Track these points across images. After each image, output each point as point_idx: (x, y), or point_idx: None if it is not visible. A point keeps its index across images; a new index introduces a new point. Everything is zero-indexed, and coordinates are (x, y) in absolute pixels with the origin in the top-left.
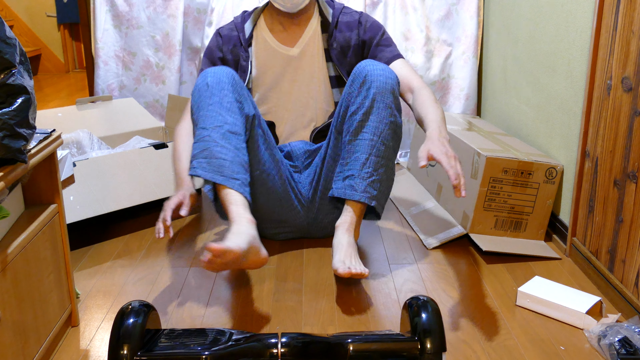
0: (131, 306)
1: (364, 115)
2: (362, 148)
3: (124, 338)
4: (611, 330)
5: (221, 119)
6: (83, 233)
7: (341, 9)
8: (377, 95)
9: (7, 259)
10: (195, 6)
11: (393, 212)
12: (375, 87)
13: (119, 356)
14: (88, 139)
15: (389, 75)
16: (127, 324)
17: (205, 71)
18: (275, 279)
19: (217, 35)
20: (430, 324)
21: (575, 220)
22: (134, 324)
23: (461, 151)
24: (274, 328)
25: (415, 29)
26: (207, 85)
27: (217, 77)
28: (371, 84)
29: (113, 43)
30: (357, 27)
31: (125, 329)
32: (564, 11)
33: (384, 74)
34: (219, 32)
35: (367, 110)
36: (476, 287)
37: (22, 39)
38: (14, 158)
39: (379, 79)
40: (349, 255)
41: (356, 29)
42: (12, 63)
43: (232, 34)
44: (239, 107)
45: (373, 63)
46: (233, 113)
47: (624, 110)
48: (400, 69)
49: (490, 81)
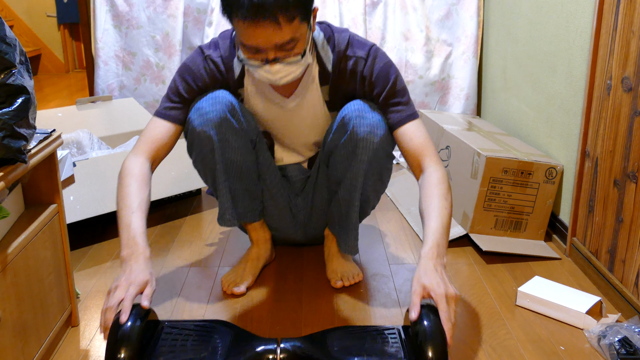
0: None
1: (352, 181)
2: (352, 213)
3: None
4: (611, 330)
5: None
6: (83, 233)
7: (344, 50)
8: (366, 168)
9: (7, 259)
10: (195, 6)
11: (393, 212)
12: (363, 157)
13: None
14: (88, 139)
15: (377, 135)
16: (123, 330)
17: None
18: (275, 278)
19: (205, 62)
20: None
21: (575, 220)
22: (132, 329)
23: (461, 151)
24: (274, 328)
25: (415, 29)
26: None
27: (221, 133)
28: (358, 149)
29: (113, 43)
30: (361, 80)
31: (122, 335)
32: (564, 11)
33: (372, 135)
34: (206, 63)
35: (353, 182)
36: (476, 287)
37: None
38: (14, 158)
39: (368, 143)
40: (340, 264)
41: (361, 82)
42: (12, 63)
43: (219, 70)
44: (245, 146)
45: (359, 116)
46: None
47: (624, 110)
48: (410, 138)
49: (490, 81)
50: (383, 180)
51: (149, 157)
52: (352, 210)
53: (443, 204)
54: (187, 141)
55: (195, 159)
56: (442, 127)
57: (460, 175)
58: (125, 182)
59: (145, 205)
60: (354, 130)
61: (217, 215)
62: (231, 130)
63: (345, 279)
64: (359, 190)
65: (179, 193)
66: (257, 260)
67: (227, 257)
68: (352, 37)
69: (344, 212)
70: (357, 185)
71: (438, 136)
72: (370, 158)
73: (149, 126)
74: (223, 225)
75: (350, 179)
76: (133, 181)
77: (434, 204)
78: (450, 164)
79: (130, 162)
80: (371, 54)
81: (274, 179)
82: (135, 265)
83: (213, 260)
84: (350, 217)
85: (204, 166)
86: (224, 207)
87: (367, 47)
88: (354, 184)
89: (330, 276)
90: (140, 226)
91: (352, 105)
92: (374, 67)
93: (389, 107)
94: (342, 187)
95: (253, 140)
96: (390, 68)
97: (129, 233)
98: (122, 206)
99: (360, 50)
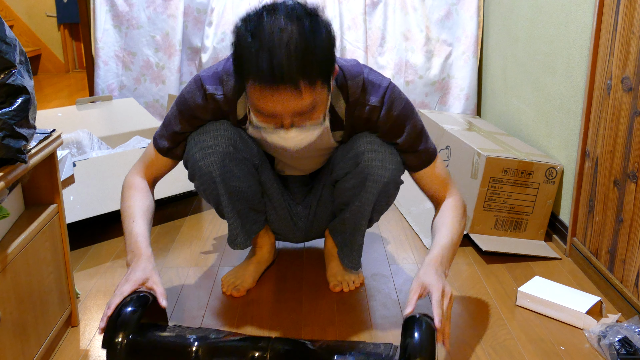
0: (131, 297)
1: (360, 208)
2: (357, 236)
3: (121, 322)
4: (611, 330)
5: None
6: (83, 233)
7: (358, 99)
8: (376, 199)
9: (7, 259)
10: (195, 6)
11: (393, 212)
12: (373, 190)
13: (113, 337)
14: (88, 139)
15: (388, 170)
16: (124, 311)
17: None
18: (275, 279)
19: (206, 101)
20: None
21: (575, 220)
22: (132, 313)
23: (461, 151)
24: (274, 328)
25: (415, 29)
26: (214, 175)
27: (225, 167)
28: (368, 182)
29: (113, 43)
30: (376, 127)
31: (123, 315)
32: (564, 11)
33: (383, 170)
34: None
35: (360, 209)
36: (476, 287)
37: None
38: (14, 158)
39: (379, 177)
40: (340, 266)
41: (376, 128)
42: (12, 63)
43: (221, 110)
44: (250, 172)
45: (372, 150)
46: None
47: (624, 110)
48: (431, 180)
49: (490, 81)
50: (389, 204)
51: (148, 180)
52: (358, 233)
53: (455, 225)
54: (189, 171)
55: (197, 187)
56: (442, 127)
57: (460, 175)
58: (127, 194)
59: (147, 212)
60: (366, 162)
61: (228, 239)
62: (235, 161)
63: (345, 285)
64: (366, 217)
65: (179, 193)
66: (259, 264)
67: (227, 257)
68: (365, 80)
69: (350, 233)
70: (364, 213)
71: (438, 136)
72: (379, 191)
73: (149, 152)
74: (236, 249)
75: (358, 206)
76: (134, 192)
77: (447, 222)
78: (450, 164)
79: (130, 177)
80: (386, 102)
81: (276, 191)
82: (135, 265)
83: (213, 260)
84: (356, 238)
85: (207, 195)
86: (235, 233)
87: (382, 91)
88: (361, 211)
89: (329, 279)
90: (141, 232)
91: (366, 137)
92: (389, 116)
93: (409, 153)
94: (349, 210)
95: (256, 165)
96: (407, 114)
97: (131, 239)
98: (125, 216)
99: (374, 97)
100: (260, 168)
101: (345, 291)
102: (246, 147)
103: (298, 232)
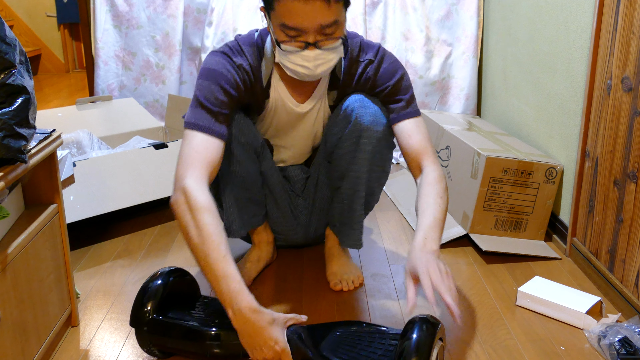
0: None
1: (357, 172)
2: (356, 206)
3: (149, 297)
4: (611, 330)
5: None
6: (83, 233)
7: (356, 56)
8: (370, 158)
9: (7, 259)
10: (195, 6)
11: (393, 212)
12: (367, 147)
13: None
14: (88, 139)
15: (379, 124)
16: (152, 285)
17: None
18: (275, 278)
19: (238, 70)
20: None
21: (575, 220)
22: (158, 286)
23: (461, 151)
24: None
25: (415, 29)
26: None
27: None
28: (362, 139)
29: (113, 43)
30: (366, 81)
31: (151, 289)
32: (564, 11)
33: (375, 124)
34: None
35: (357, 173)
36: (476, 287)
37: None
38: (14, 158)
39: (372, 132)
40: (341, 266)
41: (365, 83)
42: (12, 63)
43: (250, 79)
44: (250, 158)
45: (362, 106)
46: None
47: (624, 110)
48: (409, 135)
49: (490, 81)
50: (386, 170)
51: (208, 182)
52: (357, 202)
53: (437, 202)
54: None
55: None
56: (442, 127)
57: (460, 175)
58: (200, 217)
59: (228, 244)
60: (357, 120)
61: (224, 226)
62: (237, 145)
63: (345, 284)
64: (363, 182)
65: None
66: (257, 262)
67: None
68: (362, 41)
69: (348, 205)
70: (361, 176)
71: (438, 136)
72: (373, 148)
73: (198, 144)
74: (230, 236)
75: (355, 171)
76: (208, 216)
77: (429, 202)
78: (450, 164)
79: (194, 189)
80: (379, 55)
81: (276, 183)
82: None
83: None
84: (355, 209)
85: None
86: (231, 219)
87: (375, 49)
88: (358, 175)
89: (329, 278)
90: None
91: (353, 97)
92: (380, 67)
93: (390, 102)
94: (345, 180)
95: (257, 151)
96: (397, 66)
97: (229, 286)
98: (207, 249)
99: (368, 54)
100: (261, 157)
101: (345, 290)
102: (250, 132)
103: (299, 228)
